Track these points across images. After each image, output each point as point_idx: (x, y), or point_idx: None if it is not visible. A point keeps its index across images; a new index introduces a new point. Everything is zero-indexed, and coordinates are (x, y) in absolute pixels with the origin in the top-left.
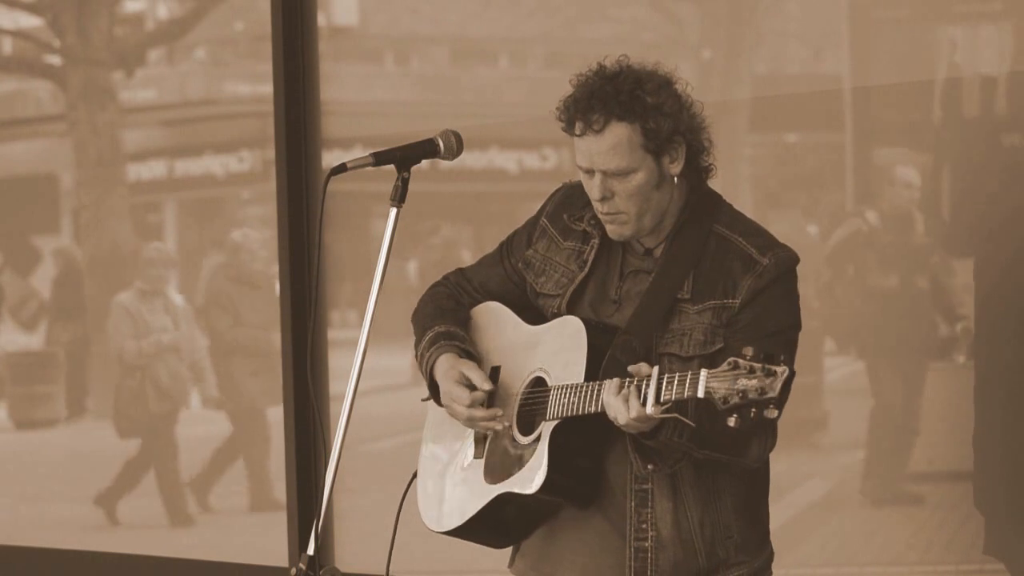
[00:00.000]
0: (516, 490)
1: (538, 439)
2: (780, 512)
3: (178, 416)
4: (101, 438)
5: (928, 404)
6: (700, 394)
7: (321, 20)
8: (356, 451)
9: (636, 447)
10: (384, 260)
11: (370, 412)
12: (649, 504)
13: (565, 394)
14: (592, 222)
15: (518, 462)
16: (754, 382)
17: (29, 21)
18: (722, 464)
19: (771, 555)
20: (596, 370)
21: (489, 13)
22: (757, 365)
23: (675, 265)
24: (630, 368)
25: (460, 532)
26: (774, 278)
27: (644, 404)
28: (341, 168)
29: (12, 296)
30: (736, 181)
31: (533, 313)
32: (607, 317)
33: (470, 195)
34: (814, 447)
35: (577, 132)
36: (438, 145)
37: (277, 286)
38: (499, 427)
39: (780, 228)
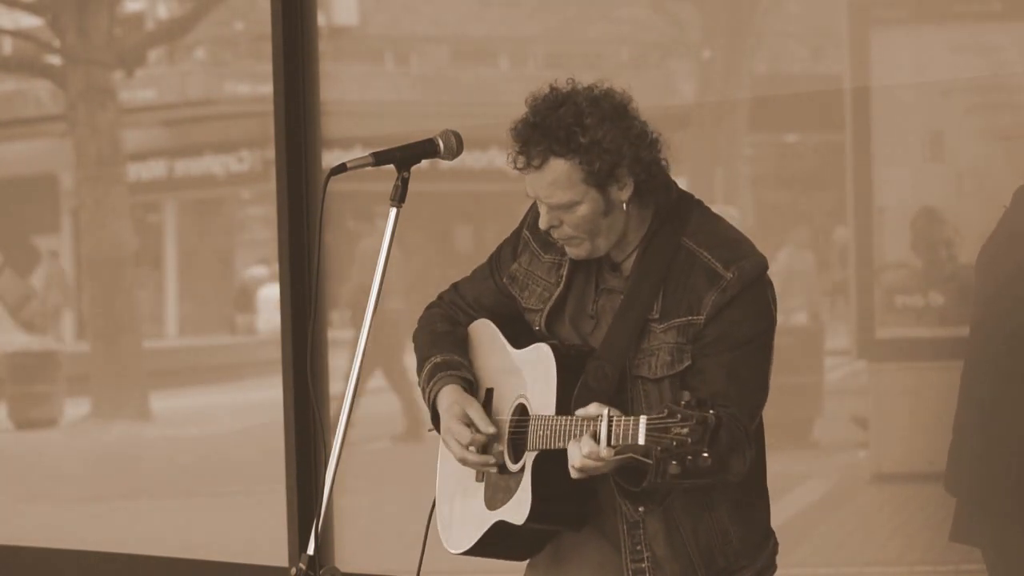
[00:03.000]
0: (508, 519)
1: (523, 470)
2: (780, 512)
3: None
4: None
5: (928, 404)
6: (641, 441)
7: (321, 20)
8: (356, 451)
9: (622, 493)
10: (384, 260)
11: (370, 412)
12: (640, 526)
13: (542, 426)
14: None
15: (509, 490)
16: (686, 430)
17: (29, 21)
18: (707, 487)
19: (774, 548)
20: (570, 397)
21: (489, 13)
22: (690, 412)
23: (644, 284)
24: (578, 412)
25: (473, 553)
26: (738, 292)
27: (599, 444)
28: (341, 168)
29: (12, 296)
30: (736, 181)
31: (525, 327)
32: (587, 333)
33: (470, 195)
34: (814, 447)
35: (519, 166)
36: (438, 145)
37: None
38: (492, 470)
39: (779, 229)
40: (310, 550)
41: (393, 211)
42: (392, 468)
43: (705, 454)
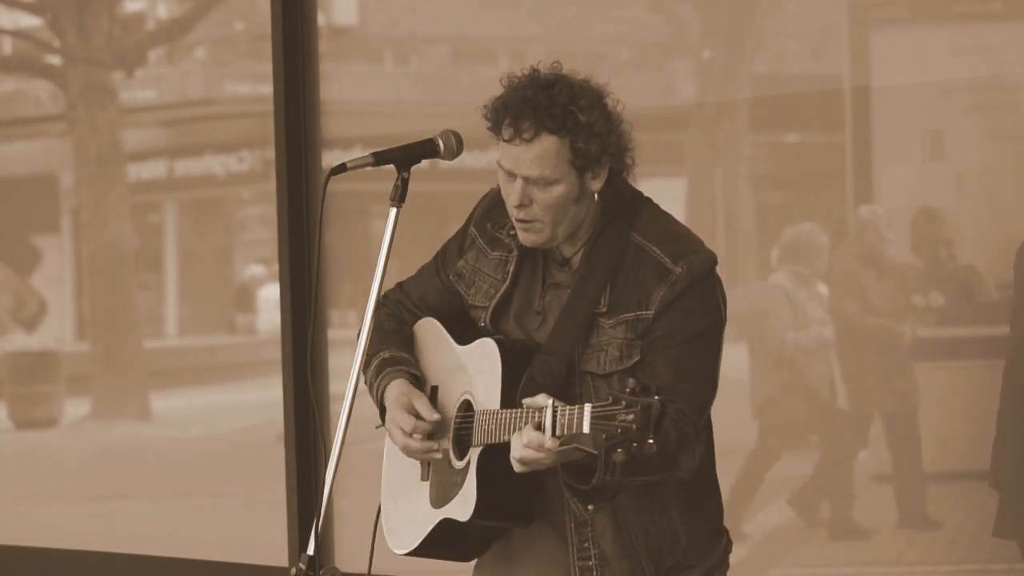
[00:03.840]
0: (454, 516)
1: (467, 466)
2: (782, 511)
3: None
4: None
5: (931, 405)
6: (586, 430)
7: (321, 20)
8: (356, 451)
9: (572, 492)
10: (384, 260)
11: (370, 412)
12: (589, 524)
13: (487, 421)
14: (512, 233)
15: (455, 487)
16: (631, 417)
17: (29, 21)
18: (656, 483)
19: (726, 547)
20: (515, 391)
21: (489, 13)
22: (635, 399)
23: (592, 278)
24: (524, 401)
25: (419, 553)
26: (687, 286)
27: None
28: (341, 168)
29: (12, 296)
30: (736, 181)
31: (471, 325)
32: (533, 329)
33: (470, 195)
34: (814, 446)
35: (505, 137)
36: (438, 145)
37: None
38: (437, 456)
39: (779, 229)
40: (310, 550)
41: (393, 211)
42: None
43: (650, 440)
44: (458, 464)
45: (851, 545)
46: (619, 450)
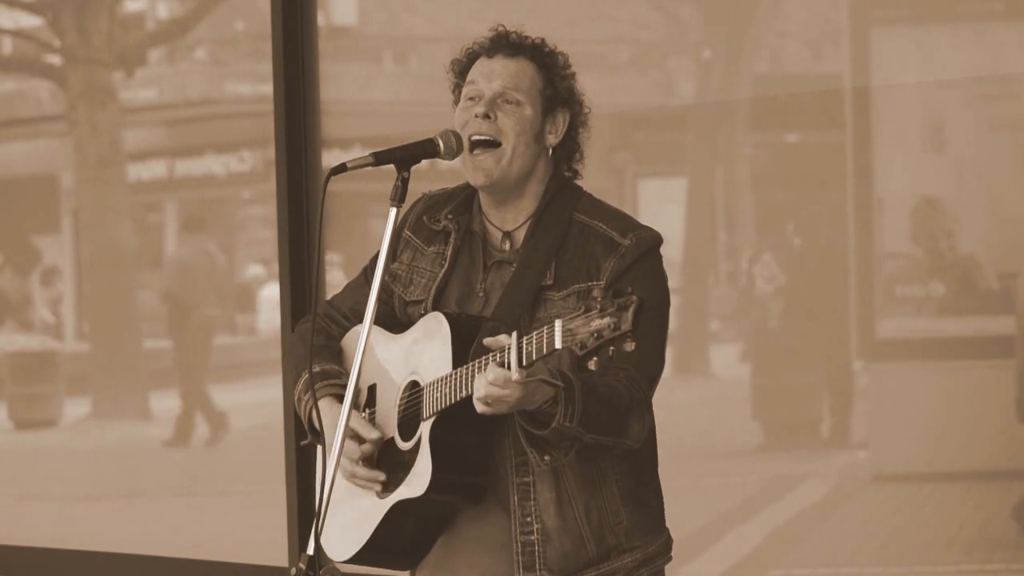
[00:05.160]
0: (407, 495)
1: (418, 442)
2: (781, 511)
3: None
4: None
5: (929, 404)
6: (558, 344)
7: (320, 20)
8: None
9: (529, 440)
10: (384, 260)
11: None
12: (532, 497)
13: (438, 387)
14: (449, 216)
15: (404, 469)
16: (606, 320)
17: (29, 21)
18: (606, 448)
19: (668, 540)
20: (465, 359)
21: (488, 13)
22: (608, 302)
23: (537, 253)
24: (486, 341)
25: (363, 556)
26: (637, 257)
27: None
28: (341, 168)
29: (12, 296)
30: (736, 181)
31: (407, 323)
32: (476, 311)
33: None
34: (814, 446)
35: (488, 55)
36: (438, 145)
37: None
38: (376, 487)
39: (779, 228)
40: (310, 550)
41: (393, 211)
42: None
43: (630, 339)
44: (405, 445)
45: (852, 544)
46: (595, 358)
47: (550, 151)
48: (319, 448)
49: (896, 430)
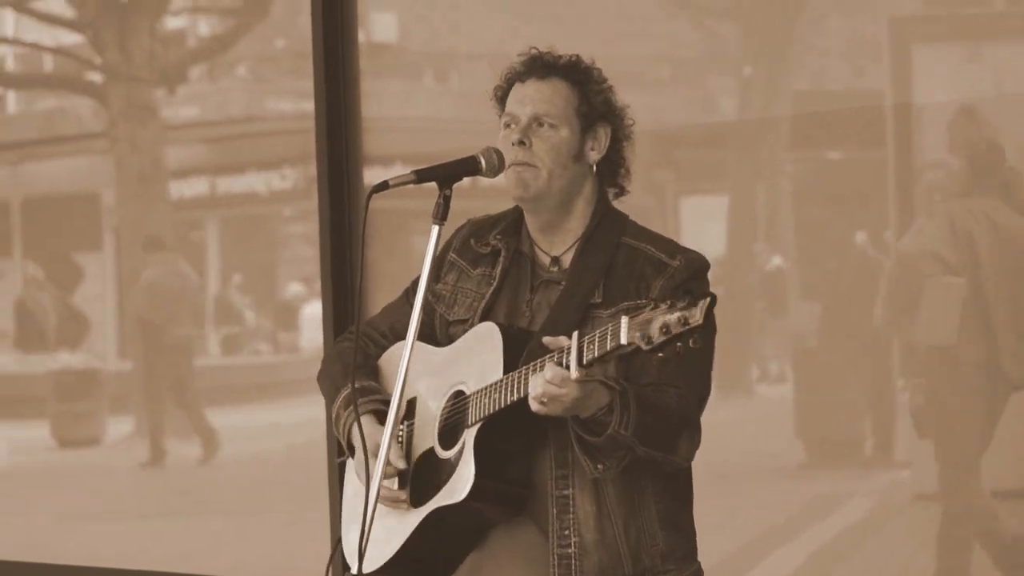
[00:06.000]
0: (445, 502)
1: (462, 449)
2: (824, 531)
3: None
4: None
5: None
6: (623, 339)
7: (361, 37)
8: None
9: (583, 448)
10: (426, 277)
11: None
12: (571, 510)
13: (485, 394)
14: (498, 237)
15: (443, 477)
16: (675, 315)
17: (70, 38)
18: (656, 463)
19: (699, 571)
20: (515, 368)
21: (528, 30)
22: (678, 296)
23: (586, 273)
24: (545, 340)
25: (394, 565)
26: (686, 278)
27: (568, 370)
28: (383, 185)
29: (55, 314)
30: (777, 197)
31: (443, 346)
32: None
33: None
34: (858, 466)
35: (521, 80)
36: (480, 162)
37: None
38: (401, 507)
39: (826, 243)
40: (354, 569)
41: (435, 229)
42: None
43: (696, 336)
44: (446, 454)
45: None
46: (661, 354)
47: (594, 168)
48: (346, 467)
49: (942, 450)
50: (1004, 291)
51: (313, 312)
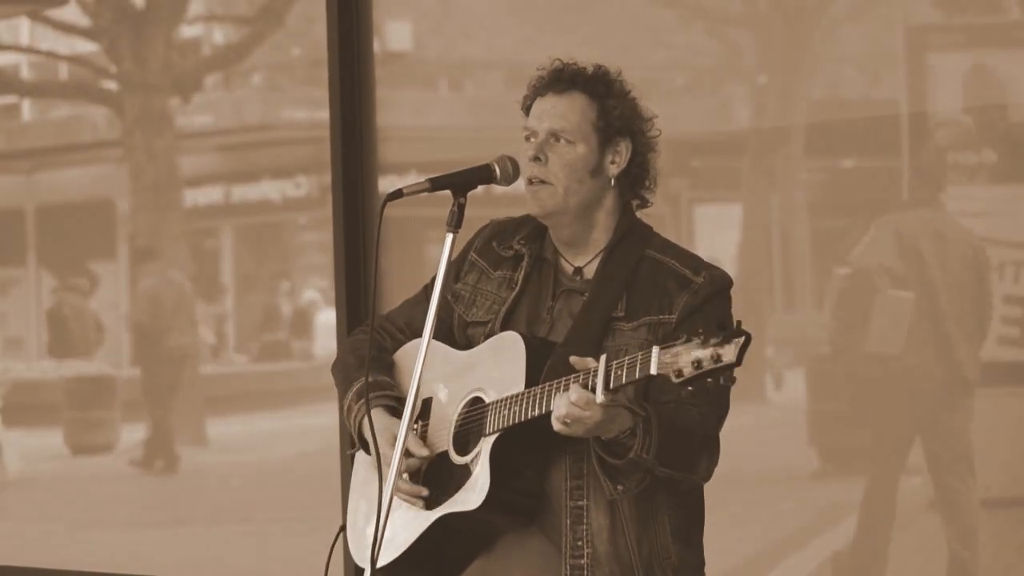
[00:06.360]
0: (458, 509)
1: (477, 456)
2: (837, 539)
3: None
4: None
5: (983, 431)
6: (653, 371)
7: (376, 46)
8: None
9: (603, 469)
10: (440, 285)
11: None
12: (585, 521)
13: (505, 406)
14: (522, 242)
15: (454, 483)
16: (708, 351)
17: (86, 47)
18: (675, 482)
19: None
20: (536, 383)
21: (543, 38)
22: (713, 332)
23: (609, 284)
24: (573, 360)
25: (398, 566)
26: (710, 295)
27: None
28: (398, 194)
29: (70, 321)
30: (792, 207)
31: (464, 344)
32: (543, 336)
33: None
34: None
35: (541, 93)
36: (494, 171)
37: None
38: (418, 503)
39: (837, 255)
40: (364, 563)
41: (450, 236)
42: None
43: (729, 374)
44: (460, 459)
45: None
46: (689, 387)
47: (612, 181)
48: (355, 457)
49: (953, 458)
50: (955, 300)
51: (327, 320)
